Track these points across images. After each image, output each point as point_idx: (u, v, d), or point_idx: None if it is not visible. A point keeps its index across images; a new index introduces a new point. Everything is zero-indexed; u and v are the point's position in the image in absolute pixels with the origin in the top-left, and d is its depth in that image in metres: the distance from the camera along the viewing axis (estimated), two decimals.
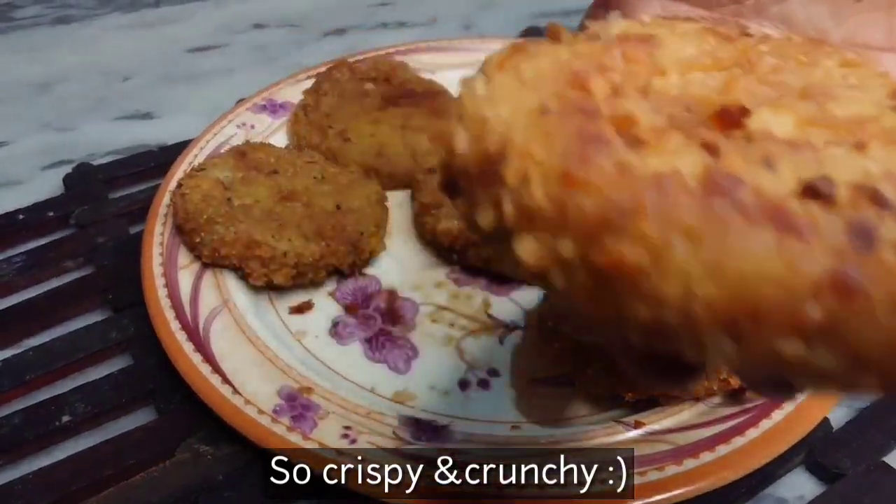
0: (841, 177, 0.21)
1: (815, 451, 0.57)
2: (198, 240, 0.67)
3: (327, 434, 0.55)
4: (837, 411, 0.60)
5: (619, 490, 0.51)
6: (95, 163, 0.86)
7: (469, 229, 0.26)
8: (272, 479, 0.56)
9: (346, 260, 0.69)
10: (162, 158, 0.82)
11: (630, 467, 0.52)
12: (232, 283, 0.67)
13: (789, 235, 0.20)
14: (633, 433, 0.55)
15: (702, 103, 0.26)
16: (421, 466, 0.53)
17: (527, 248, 0.23)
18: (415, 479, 0.52)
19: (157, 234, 0.69)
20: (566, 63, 0.26)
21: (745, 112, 0.25)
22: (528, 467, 0.53)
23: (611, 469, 0.52)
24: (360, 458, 0.53)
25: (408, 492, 0.51)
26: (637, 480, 0.51)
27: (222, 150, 0.78)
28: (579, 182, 0.21)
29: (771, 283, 0.19)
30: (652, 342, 0.22)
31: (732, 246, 0.20)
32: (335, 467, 0.52)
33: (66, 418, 0.60)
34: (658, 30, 0.30)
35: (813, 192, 0.21)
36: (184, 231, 0.68)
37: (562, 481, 0.52)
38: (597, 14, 0.38)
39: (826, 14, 0.34)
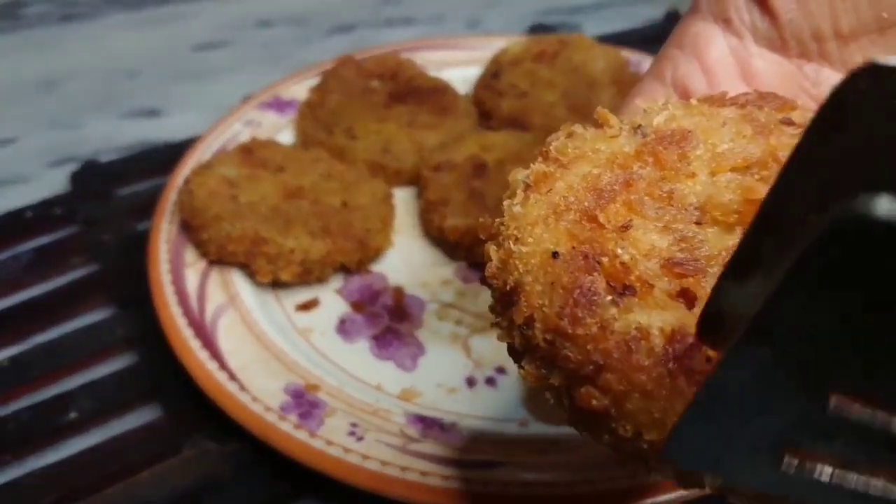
0: None
1: None
2: (204, 237, 0.67)
3: (334, 431, 0.54)
4: None
5: (628, 487, 0.51)
6: (102, 160, 0.86)
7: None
8: (280, 475, 0.56)
9: (353, 257, 0.69)
10: (168, 156, 0.82)
11: None
12: (238, 280, 0.67)
13: None
14: None
15: (717, 213, 0.29)
16: (428, 464, 0.53)
17: (528, 370, 0.29)
18: (422, 477, 0.52)
19: (164, 232, 0.69)
20: (595, 178, 0.31)
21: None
22: (536, 465, 0.53)
23: (619, 467, 0.52)
24: (366, 455, 0.53)
25: (415, 489, 0.51)
26: (645, 479, 0.51)
27: (229, 148, 0.78)
28: (568, 336, 0.27)
29: None
30: (617, 455, 0.28)
31: (675, 406, 0.25)
32: (341, 464, 0.52)
33: (72, 415, 0.60)
34: (698, 119, 0.32)
35: None
36: (190, 228, 0.68)
37: (569, 478, 0.51)
38: (659, 70, 0.37)
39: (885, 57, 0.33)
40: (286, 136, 0.84)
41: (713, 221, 0.29)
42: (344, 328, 0.66)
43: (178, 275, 0.66)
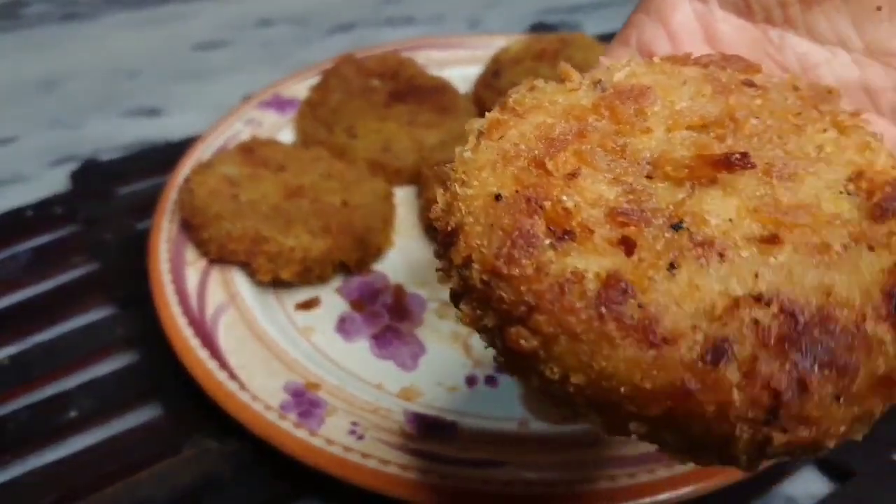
0: (731, 288, 0.26)
1: None
2: (205, 236, 0.67)
3: (335, 430, 0.54)
4: None
5: (628, 486, 0.51)
6: (102, 159, 0.86)
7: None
8: (280, 474, 0.56)
9: (353, 256, 0.69)
10: (169, 155, 0.82)
11: (640, 464, 0.52)
12: (239, 279, 0.67)
13: (651, 350, 0.25)
14: None
15: (668, 168, 0.30)
16: (428, 462, 0.53)
17: (463, 310, 0.29)
18: (422, 476, 0.52)
19: (164, 231, 0.69)
20: (549, 128, 0.31)
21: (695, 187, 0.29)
22: (536, 463, 0.53)
23: (621, 465, 0.52)
24: (367, 453, 0.53)
25: (415, 488, 0.51)
26: (647, 477, 0.51)
27: (229, 147, 0.78)
28: (503, 277, 0.27)
29: (627, 384, 0.25)
30: (546, 399, 0.28)
31: (603, 350, 0.25)
32: (342, 463, 0.52)
33: (72, 414, 0.60)
34: (659, 77, 0.33)
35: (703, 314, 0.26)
36: (191, 227, 0.68)
37: (569, 477, 0.51)
38: (625, 36, 0.38)
39: (848, 23, 0.34)
40: (286, 135, 0.84)
41: (664, 176, 0.30)
42: (344, 327, 0.66)
43: (178, 274, 0.66)
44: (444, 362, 0.63)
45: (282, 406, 0.56)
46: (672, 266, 0.27)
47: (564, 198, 0.28)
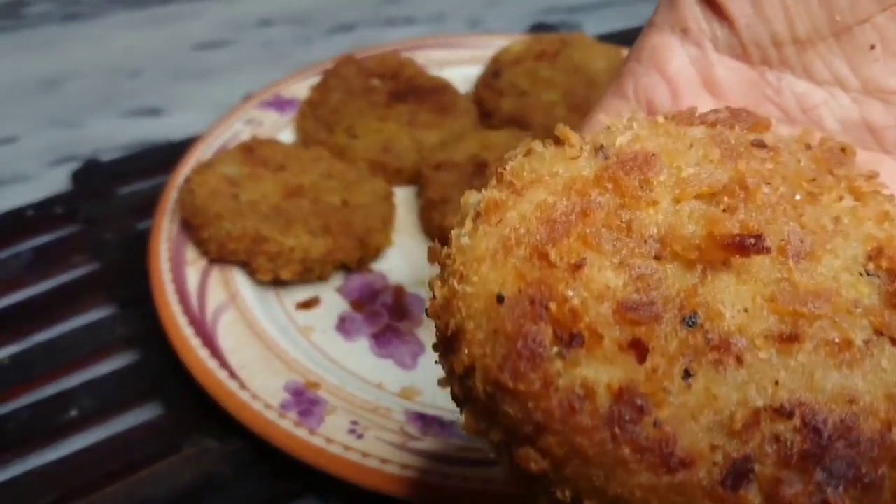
0: (750, 398, 0.25)
1: None
2: (205, 235, 0.67)
3: (334, 429, 0.55)
4: None
5: None
6: (103, 159, 0.86)
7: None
8: (280, 473, 0.56)
9: (353, 255, 0.69)
10: (169, 154, 0.82)
11: None
12: (239, 278, 0.67)
13: (667, 475, 0.24)
14: None
15: (677, 247, 0.28)
16: (428, 461, 0.53)
17: (467, 421, 0.28)
18: (421, 475, 0.52)
19: (165, 230, 0.69)
20: (550, 208, 0.29)
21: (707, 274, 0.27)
22: None
23: None
24: (367, 452, 0.53)
25: (414, 487, 0.51)
26: None
27: (230, 147, 0.78)
28: (509, 391, 0.25)
29: None
30: None
31: (617, 475, 0.24)
32: (342, 462, 0.52)
33: (73, 413, 0.60)
34: (663, 141, 0.31)
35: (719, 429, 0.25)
36: (191, 226, 0.68)
37: None
38: (621, 87, 0.37)
39: (843, 62, 0.34)
40: (287, 135, 0.84)
41: (673, 256, 0.28)
42: (344, 326, 0.67)
43: (178, 273, 0.66)
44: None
45: (282, 405, 0.56)
46: (687, 374, 0.25)
47: (570, 293, 0.27)
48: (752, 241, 0.27)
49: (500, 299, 0.26)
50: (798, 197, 0.29)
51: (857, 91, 0.34)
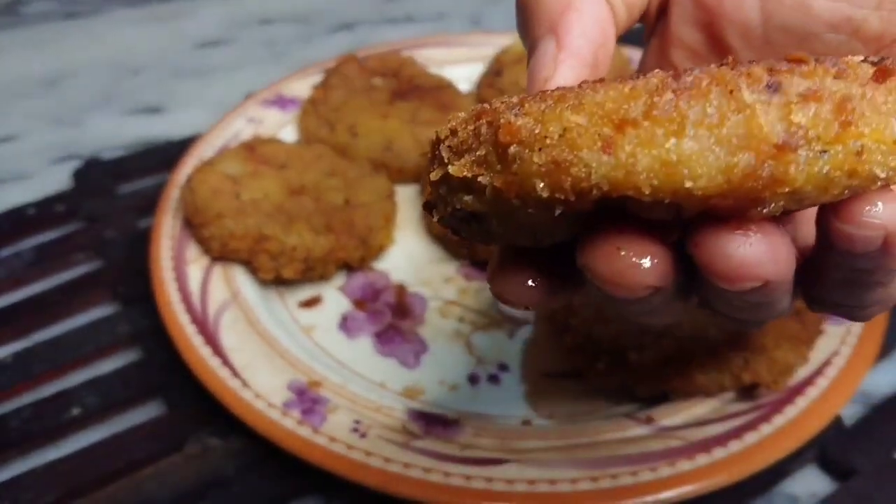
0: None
1: (827, 448, 0.57)
2: (207, 234, 0.67)
3: (337, 428, 0.55)
4: (849, 408, 0.60)
5: (631, 485, 0.51)
6: (104, 157, 0.86)
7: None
8: (283, 472, 0.56)
9: (355, 254, 0.69)
10: (171, 153, 0.82)
11: (643, 462, 0.52)
12: (241, 277, 0.67)
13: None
14: (645, 429, 0.55)
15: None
16: (431, 460, 0.53)
17: (459, 167, 0.28)
18: (424, 474, 0.52)
19: (167, 229, 0.69)
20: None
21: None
22: (538, 461, 0.53)
23: (623, 464, 0.52)
24: (370, 451, 0.53)
25: (417, 486, 0.51)
26: (648, 476, 0.51)
27: (231, 145, 0.78)
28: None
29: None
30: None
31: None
32: (344, 461, 0.52)
33: (75, 411, 0.60)
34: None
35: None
36: (193, 225, 0.68)
37: (572, 476, 0.51)
38: None
39: None
40: (289, 134, 0.84)
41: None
42: (346, 325, 0.67)
43: (180, 272, 0.66)
44: (446, 360, 0.63)
45: (284, 404, 0.56)
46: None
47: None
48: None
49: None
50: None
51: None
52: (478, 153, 0.28)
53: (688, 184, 0.25)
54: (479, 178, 0.28)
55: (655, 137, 0.25)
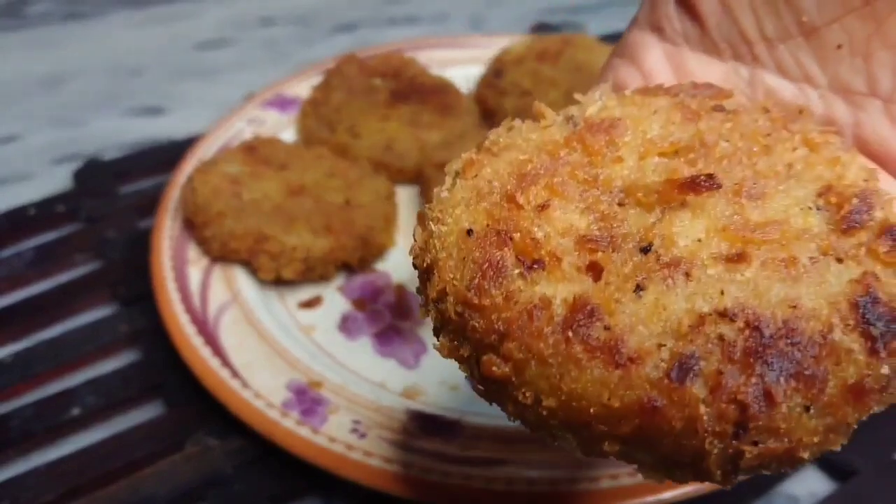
0: (697, 306, 0.26)
1: None
2: (207, 234, 0.67)
3: (337, 428, 0.55)
4: None
5: (630, 485, 0.51)
6: (105, 158, 0.86)
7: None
8: (282, 472, 0.56)
9: (355, 255, 0.69)
10: (171, 153, 0.82)
11: None
12: (241, 277, 0.67)
13: (617, 370, 0.25)
14: None
15: (639, 194, 0.30)
16: (430, 461, 0.53)
17: (442, 343, 0.30)
18: (424, 474, 0.52)
19: (167, 229, 0.69)
20: (521, 164, 0.31)
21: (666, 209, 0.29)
22: (538, 462, 0.53)
23: (624, 465, 0.52)
24: (369, 451, 0.53)
25: (417, 486, 0.51)
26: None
27: (232, 146, 0.78)
28: (475, 307, 0.28)
29: (596, 404, 0.26)
30: (524, 424, 0.29)
31: (571, 372, 0.26)
32: (344, 461, 0.52)
33: (76, 411, 0.60)
34: (629, 109, 0.33)
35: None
36: (193, 225, 0.68)
37: (572, 476, 0.51)
38: (603, 79, 0.41)
39: (812, 60, 0.35)
40: (289, 135, 0.84)
41: (636, 203, 0.30)
42: (346, 326, 0.67)
43: (180, 272, 0.66)
44: (445, 361, 0.63)
45: (284, 404, 0.56)
46: (639, 288, 0.27)
47: (535, 229, 0.29)
48: (704, 178, 0.29)
49: (469, 232, 0.29)
50: (754, 149, 0.31)
51: (825, 88, 0.35)
52: (460, 351, 0.30)
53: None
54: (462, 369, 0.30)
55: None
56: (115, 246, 0.74)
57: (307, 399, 0.57)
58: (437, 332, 0.31)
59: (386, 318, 0.67)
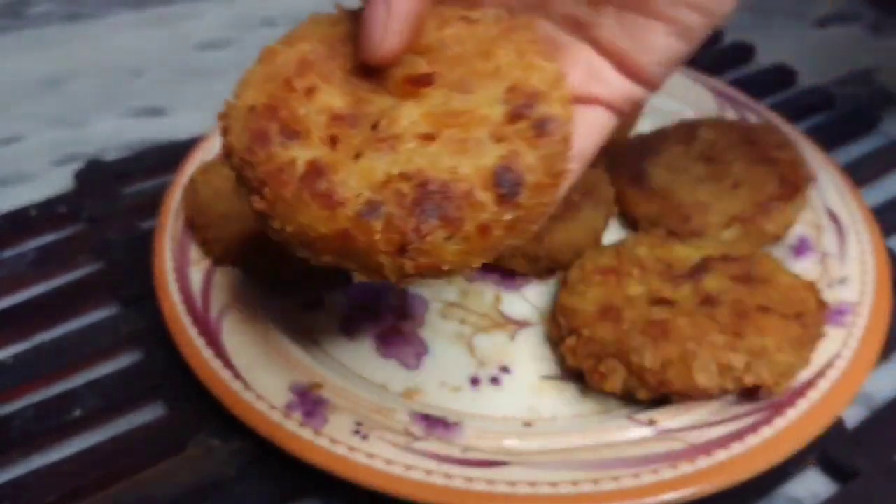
0: (391, 170, 0.37)
1: (830, 450, 0.57)
2: (209, 235, 0.67)
3: (339, 430, 0.55)
4: (852, 410, 0.60)
5: (632, 487, 0.51)
6: (107, 158, 0.86)
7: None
8: (284, 474, 0.56)
9: None
10: (174, 154, 0.82)
11: (644, 465, 0.52)
12: (243, 278, 0.67)
13: (328, 210, 0.36)
14: (647, 431, 0.55)
15: (388, 83, 0.40)
16: (432, 462, 0.53)
17: (241, 193, 0.40)
18: (426, 475, 0.52)
19: (169, 230, 0.69)
20: (306, 53, 0.41)
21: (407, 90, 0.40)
22: (541, 464, 0.53)
23: (625, 466, 0.52)
24: (371, 453, 0.53)
25: (419, 488, 0.51)
26: (650, 478, 0.51)
27: None
28: (247, 162, 0.38)
29: (316, 232, 0.37)
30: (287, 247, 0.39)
31: (301, 210, 0.37)
32: (346, 463, 0.52)
33: (77, 413, 0.60)
34: None
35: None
36: (195, 226, 0.68)
37: (574, 478, 0.51)
38: None
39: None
40: None
41: (385, 90, 0.40)
42: (348, 327, 0.67)
43: (182, 273, 0.66)
44: (447, 362, 0.63)
45: (286, 406, 0.56)
46: (358, 155, 0.38)
47: (300, 108, 0.39)
48: (424, 76, 0.39)
49: (252, 109, 0.39)
50: (478, 53, 0.40)
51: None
52: (241, 191, 0.40)
53: None
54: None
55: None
56: (117, 247, 0.74)
57: (309, 401, 0.57)
58: (238, 183, 0.40)
59: (388, 319, 0.67)
